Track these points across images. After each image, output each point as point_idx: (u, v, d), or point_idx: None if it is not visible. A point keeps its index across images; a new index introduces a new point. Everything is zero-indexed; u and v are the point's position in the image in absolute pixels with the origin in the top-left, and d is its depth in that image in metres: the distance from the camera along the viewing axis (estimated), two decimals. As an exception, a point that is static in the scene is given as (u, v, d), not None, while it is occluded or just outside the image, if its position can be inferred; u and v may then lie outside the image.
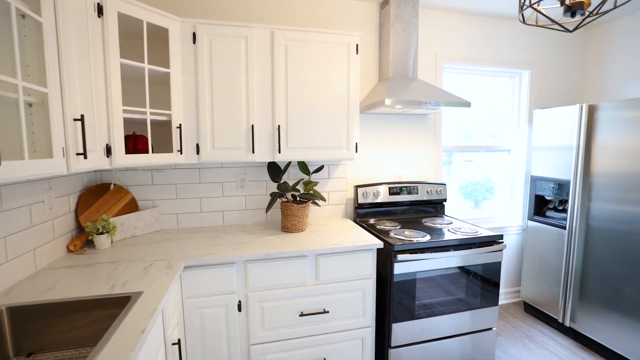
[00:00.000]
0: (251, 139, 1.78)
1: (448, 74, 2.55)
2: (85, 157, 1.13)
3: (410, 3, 2.11)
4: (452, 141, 2.65)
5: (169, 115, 1.65)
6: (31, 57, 1.00)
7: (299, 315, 1.64)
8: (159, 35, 1.71)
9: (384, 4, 2.19)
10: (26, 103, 0.99)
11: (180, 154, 1.68)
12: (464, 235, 1.87)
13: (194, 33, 1.66)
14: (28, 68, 1.00)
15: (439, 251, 1.80)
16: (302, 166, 2.02)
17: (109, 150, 1.39)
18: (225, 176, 2.09)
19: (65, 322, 1.06)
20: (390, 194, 2.27)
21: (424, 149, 2.47)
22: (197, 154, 1.73)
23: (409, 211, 2.34)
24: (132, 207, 1.91)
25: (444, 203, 2.42)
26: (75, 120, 1.12)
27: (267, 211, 1.92)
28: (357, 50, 1.89)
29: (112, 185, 1.85)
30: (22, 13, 0.94)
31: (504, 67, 2.59)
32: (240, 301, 1.57)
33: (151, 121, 1.67)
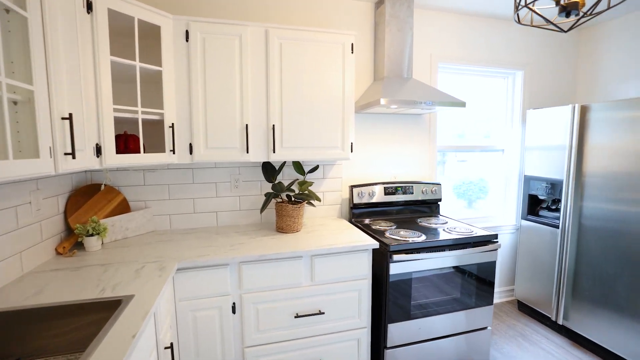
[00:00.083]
0: (245, 139, 1.76)
1: (442, 74, 2.56)
2: (73, 157, 1.10)
3: (405, 3, 2.11)
4: (447, 141, 2.65)
5: (161, 114, 1.62)
6: (16, 54, 0.96)
7: (294, 316, 1.62)
8: (151, 33, 1.68)
9: (379, 3, 2.19)
10: (11, 101, 0.96)
11: (173, 153, 1.65)
12: (459, 235, 1.88)
13: (186, 31, 1.63)
14: (13, 65, 0.96)
15: (434, 251, 1.79)
16: (297, 166, 2.00)
17: (99, 150, 1.35)
18: (219, 176, 2.06)
19: (53, 327, 1.03)
20: (386, 193, 2.26)
21: (419, 148, 2.47)
22: (190, 153, 1.70)
23: (404, 211, 2.34)
24: (124, 208, 1.87)
25: (439, 203, 2.42)
26: (63, 119, 1.08)
27: (262, 212, 1.90)
28: (352, 49, 1.88)
29: (103, 186, 1.81)
30: (6, 7, 0.91)
31: (497, 68, 2.61)
32: (234, 303, 1.54)
33: (143, 120, 1.64)
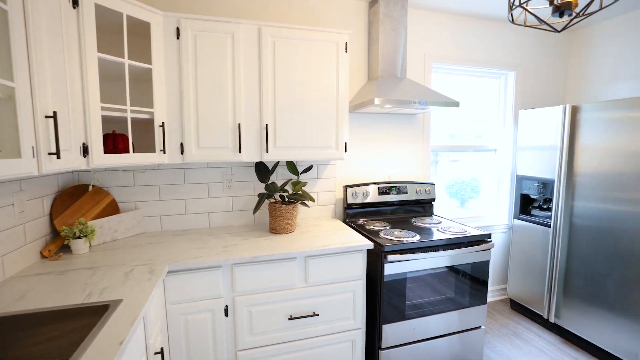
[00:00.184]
0: (238, 139, 1.73)
1: (436, 74, 2.56)
2: (58, 157, 1.06)
3: (399, 2, 2.10)
4: (440, 141, 2.66)
5: (151, 113, 1.58)
6: (-4, 49, 0.92)
7: (288, 318, 1.60)
8: (141, 30, 1.63)
9: (372, 2, 2.18)
10: (-9, 98, 0.92)
11: (164, 153, 1.61)
12: (453, 235, 1.88)
13: (177, 28, 1.59)
14: (-7, 60, 0.92)
15: (428, 251, 1.79)
16: (291, 166, 1.98)
17: (85, 150, 1.31)
18: (212, 177, 2.03)
19: (36, 335, 0.99)
20: (380, 193, 2.25)
21: (412, 148, 2.47)
22: (182, 153, 1.66)
23: (398, 211, 2.34)
24: (113, 210, 1.82)
25: (432, 203, 2.42)
26: (46, 117, 1.04)
27: (255, 212, 1.87)
28: (347, 48, 1.86)
29: (91, 187, 1.76)
30: (-15, 0, 0.87)
31: (490, 68, 2.63)
32: (227, 306, 1.51)
33: (132, 119, 1.60)
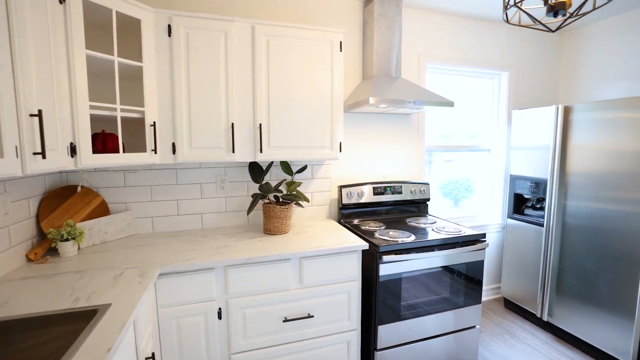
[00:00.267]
0: (231, 138, 1.70)
1: (430, 74, 2.57)
2: (44, 157, 1.03)
3: (394, 1, 2.09)
4: (434, 141, 2.67)
5: (142, 112, 1.54)
6: (-23, 44, 0.89)
7: (283, 320, 1.58)
8: (131, 27, 1.60)
9: (367, 1, 2.17)
10: (-29, 96, 0.88)
11: (155, 153, 1.58)
12: (447, 235, 1.88)
13: (169, 25, 1.56)
14: (-26, 56, 0.89)
15: (424, 251, 1.79)
16: (285, 166, 1.96)
17: (73, 150, 1.27)
18: (204, 177, 1.99)
19: (19, 341, 0.95)
20: (375, 194, 2.25)
21: (407, 148, 2.47)
22: (174, 153, 1.63)
23: (393, 211, 2.33)
24: (103, 211, 1.78)
25: (427, 203, 2.42)
26: (31, 115, 1.01)
27: (249, 213, 1.85)
28: (341, 47, 1.85)
29: (80, 188, 1.72)
30: (-35, -7, 0.83)
31: (484, 68, 2.64)
32: (220, 308, 1.49)
33: (122, 118, 1.56)
